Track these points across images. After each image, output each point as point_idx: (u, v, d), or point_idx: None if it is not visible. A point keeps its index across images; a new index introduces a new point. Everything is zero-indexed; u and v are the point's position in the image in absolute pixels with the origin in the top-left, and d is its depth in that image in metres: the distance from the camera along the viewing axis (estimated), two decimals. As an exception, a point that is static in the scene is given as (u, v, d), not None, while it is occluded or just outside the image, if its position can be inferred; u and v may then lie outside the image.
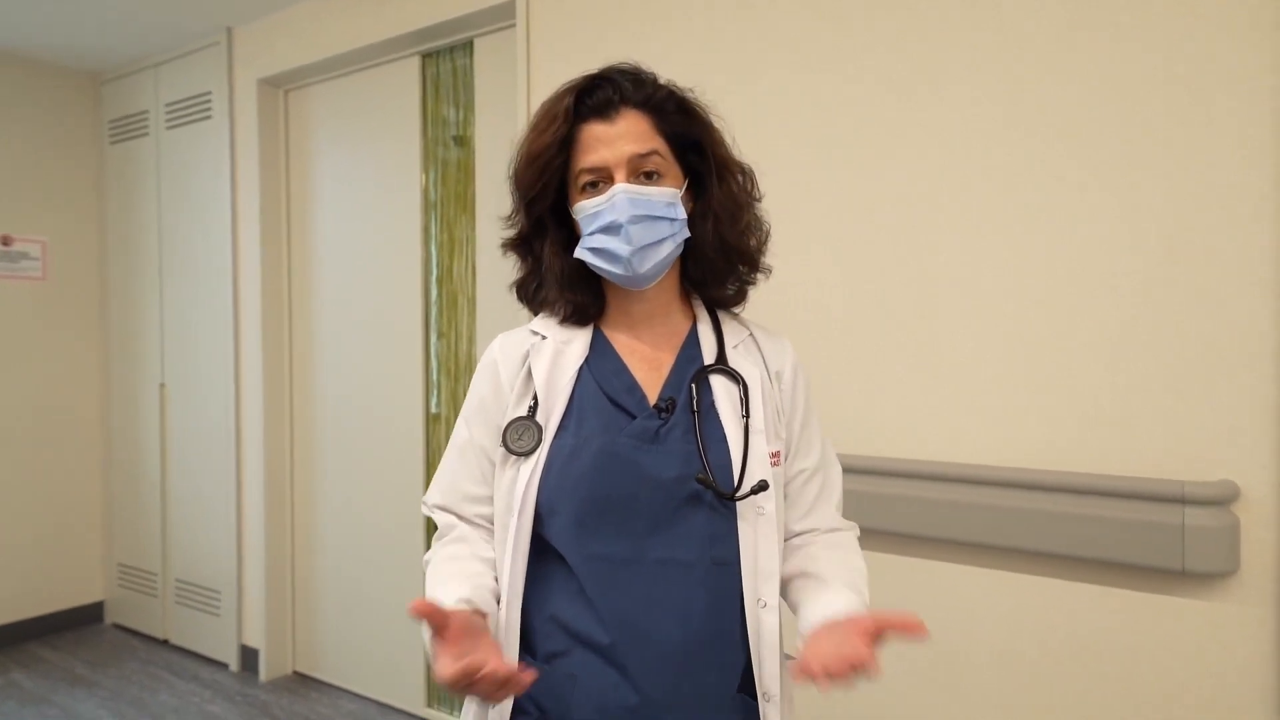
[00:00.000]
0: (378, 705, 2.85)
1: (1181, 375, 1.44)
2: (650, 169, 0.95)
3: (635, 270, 0.95)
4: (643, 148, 0.95)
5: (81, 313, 3.64)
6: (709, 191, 1.00)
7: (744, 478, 0.94)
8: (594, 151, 0.95)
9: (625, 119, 0.95)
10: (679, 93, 1.00)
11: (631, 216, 0.93)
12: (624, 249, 0.93)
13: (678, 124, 0.98)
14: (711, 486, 0.92)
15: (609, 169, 0.94)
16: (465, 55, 2.59)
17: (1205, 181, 1.42)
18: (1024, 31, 1.58)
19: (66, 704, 2.86)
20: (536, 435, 0.95)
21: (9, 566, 3.41)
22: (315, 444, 3.06)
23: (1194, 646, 1.44)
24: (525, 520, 0.93)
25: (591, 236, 0.96)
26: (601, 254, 0.95)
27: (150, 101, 3.42)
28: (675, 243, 0.97)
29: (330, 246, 2.98)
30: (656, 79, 1.00)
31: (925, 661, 1.69)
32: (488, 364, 1.03)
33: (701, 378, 0.98)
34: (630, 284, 0.98)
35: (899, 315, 1.72)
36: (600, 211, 0.95)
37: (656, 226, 0.94)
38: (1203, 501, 1.38)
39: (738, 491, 0.93)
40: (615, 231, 0.93)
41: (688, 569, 0.92)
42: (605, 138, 0.95)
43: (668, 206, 0.95)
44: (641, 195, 0.94)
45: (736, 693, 0.96)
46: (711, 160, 1.00)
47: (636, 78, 0.98)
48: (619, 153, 0.94)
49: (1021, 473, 1.56)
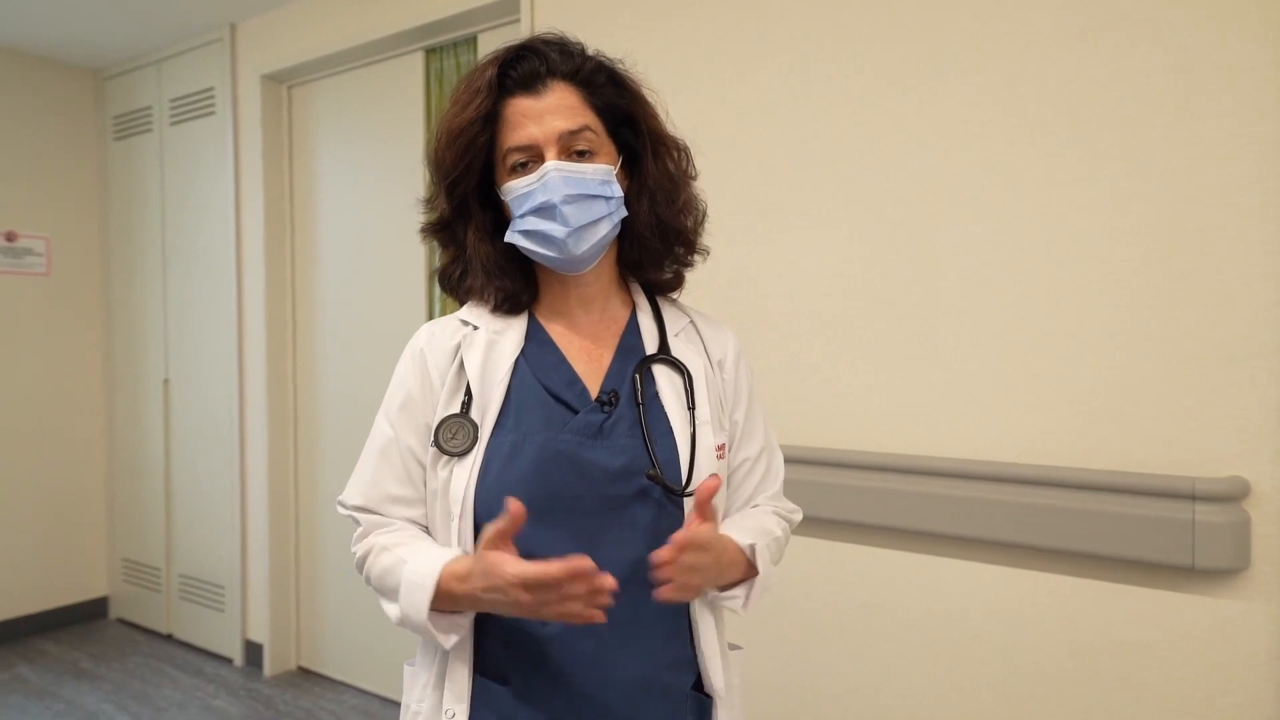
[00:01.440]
0: (381, 700, 2.85)
1: (1191, 371, 1.43)
2: (583, 146, 0.89)
3: (572, 253, 0.89)
4: (574, 124, 0.89)
5: (86, 308, 3.64)
6: (644, 168, 0.95)
7: (693, 472, 0.90)
8: (521, 128, 0.89)
9: (554, 93, 0.89)
10: (609, 64, 0.94)
11: (565, 196, 0.87)
12: (559, 231, 0.87)
13: (610, 97, 0.93)
14: (662, 482, 0.88)
15: (538, 146, 0.88)
16: (469, 51, 2.58)
17: (1214, 174, 1.41)
18: (1025, 24, 1.57)
19: (71, 698, 2.86)
20: (472, 434, 0.89)
21: (14, 561, 3.42)
22: (318, 439, 3.06)
23: (1203, 643, 1.43)
24: (466, 524, 0.88)
25: (523, 219, 0.90)
26: (534, 237, 0.89)
27: (154, 97, 3.42)
28: (612, 223, 0.91)
29: (333, 242, 2.98)
30: (585, 49, 0.93)
31: (930, 658, 1.69)
32: (413, 356, 0.96)
33: (644, 368, 0.94)
34: (566, 268, 0.92)
35: (904, 309, 1.71)
36: (531, 192, 0.88)
37: (592, 206, 0.89)
38: (1213, 498, 1.37)
39: (688, 486, 0.89)
40: (548, 213, 0.88)
41: (636, 566, 0.86)
42: (533, 113, 0.89)
43: (603, 184, 0.90)
44: (575, 173, 0.88)
45: (690, 690, 0.93)
46: (646, 135, 0.95)
47: (564, 48, 0.92)
48: (548, 129, 0.88)
49: (1029, 468, 1.55)
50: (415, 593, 0.84)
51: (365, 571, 0.93)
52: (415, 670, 0.96)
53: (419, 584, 0.84)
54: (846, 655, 1.79)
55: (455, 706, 0.88)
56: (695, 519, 0.83)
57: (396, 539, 0.92)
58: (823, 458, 1.77)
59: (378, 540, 0.92)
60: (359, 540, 0.95)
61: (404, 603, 0.85)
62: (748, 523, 0.97)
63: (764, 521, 0.99)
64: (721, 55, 1.94)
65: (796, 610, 1.85)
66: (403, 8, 2.58)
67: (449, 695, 0.88)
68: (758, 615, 1.88)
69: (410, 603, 0.84)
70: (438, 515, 0.92)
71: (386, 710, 2.79)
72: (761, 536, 0.94)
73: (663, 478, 0.88)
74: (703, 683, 0.94)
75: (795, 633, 1.85)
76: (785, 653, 1.86)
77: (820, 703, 1.82)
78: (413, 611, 0.85)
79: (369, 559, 0.92)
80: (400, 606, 0.86)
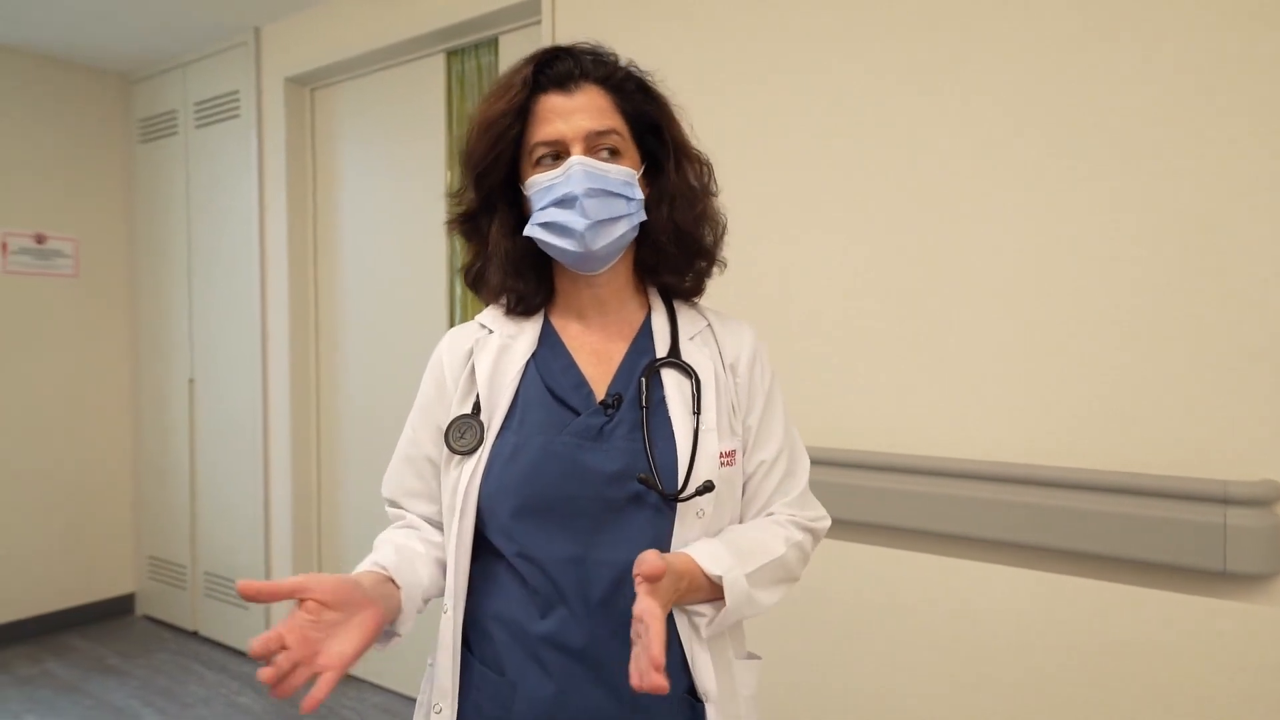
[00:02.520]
0: (402, 698, 2.87)
1: (1222, 372, 1.41)
2: (609, 146, 0.91)
3: (589, 247, 0.89)
4: (601, 124, 0.91)
5: (113, 309, 3.70)
6: (666, 177, 0.96)
7: (690, 478, 0.89)
8: (549, 123, 0.90)
9: (585, 94, 0.91)
10: (639, 74, 0.96)
11: (588, 190, 0.88)
12: (579, 223, 0.88)
13: (638, 104, 0.95)
14: (653, 487, 0.87)
15: (565, 143, 0.90)
16: (490, 53, 2.59)
17: (1243, 172, 1.39)
18: (1043, 23, 1.55)
19: (98, 693, 2.91)
20: (478, 434, 0.92)
21: (44, 558, 3.47)
22: (341, 438, 3.09)
23: (1234, 648, 1.41)
24: (467, 521, 0.91)
25: (543, 211, 0.90)
26: (553, 228, 0.90)
27: (179, 101, 3.46)
28: (631, 224, 0.92)
29: (356, 243, 3.00)
30: (617, 58, 0.96)
31: (956, 662, 1.67)
32: (433, 362, 1.01)
33: (652, 372, 0.93)
34: (582, 265, 0.93)
35: (929, 310, 1.70)
36: (554, 184, 0.90)
37: (613, 203, 0.90)
38: (1246, 501, 1.35)
39: (682, 492, 0.88)
40: (569, 204, 0.89)
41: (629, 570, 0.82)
42: (563, 110, 0.90)
43: (624, 185, 0.91)
44: (598, 170, 0.89)
45: (684, 694, 0.92)
46: (670, 144, 0.96)
47: (597, 55, 0.94)
48: (576, 127, 0.90)
49: (1057, 471, 1.53)
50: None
51: None
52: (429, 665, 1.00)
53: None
54: (870, 658, 1.78)
55: (440, 701, 0.91)
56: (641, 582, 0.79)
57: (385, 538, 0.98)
58: (847, 459, 1.76)
59: (381, 536, 0.99)
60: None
61: None
62: (742, 543, 0.91)
63: (764, 539, 0.94)
64: (740, 56, 1.93)
65: (817, 612, 1.84)
66: (424, 10, 2.59)
67: (435, 690, 0.92)
68: (778, 618, 1.87)
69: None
70: (445, 510, 0.96)
71: (408, 708, 2.80)
72: (749, 561, 0.89)
73: (654, 481, 0.87)
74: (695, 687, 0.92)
75: (815, 634, 1.84)
76: (806, 655, 1.86)
77: (842, 705, 1.81)
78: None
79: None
80: None
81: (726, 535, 0.92)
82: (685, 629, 0.91)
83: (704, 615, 0.89)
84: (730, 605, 0.87)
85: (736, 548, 0.90)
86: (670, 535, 0.89)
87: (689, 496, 0.88)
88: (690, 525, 0.90)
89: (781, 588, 0.94)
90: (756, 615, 0.91)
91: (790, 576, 0.96)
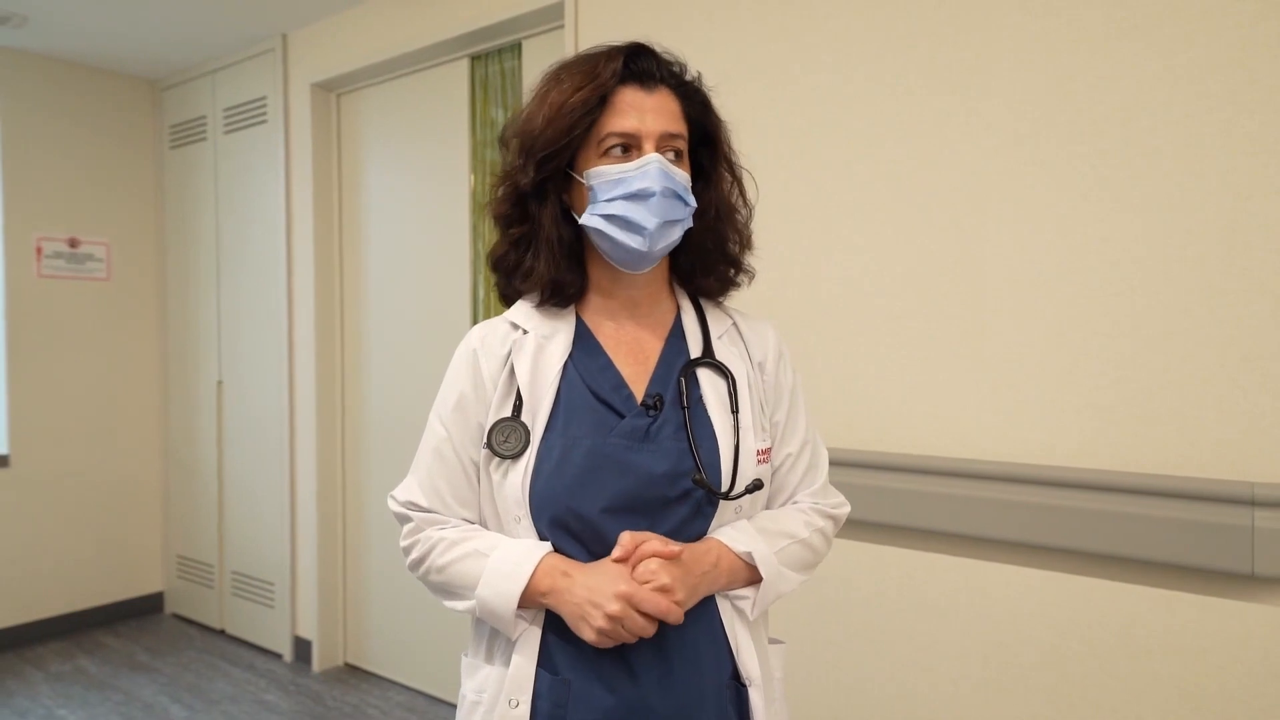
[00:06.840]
0: (426, 697, 2.89)
1: (1250, 373, 1.40)
2: (676, 149, 0.93)
3: (653, 246, 0.91)
4: (674, 127, 0.93)
5: (143, 312, 3.77)
6: (712, 187, 0.99)
7: (736, 476, 0.92)
8: (627, 116, 0.91)
9: (661, 94, 0.94)
10: (706, 87, 1.00)
11: (664, 188, 0.90)
12: (650, 221, 0.89)
13: (699, 114, 0.98)
14: (707, 487, 0.89)
15: (640, 137, 0.91)
16: (514, 57, 2.62)
17: (1269, 171, 1.37)
18: (1072, 20, 1.55)
19: (129, 689, 2.96)
20: (524, 437, 0.91)
21: (76, 557, 3.54)
22: (366, 439, 3.12)
23: (1262, 651, 1.39)
24: (527, 525, 0.90)
25: (610, 203, 0.90)
26: (619, 221, 0.90)
27: (208, 107, 3.52)
28: (683, 229, 0.94)
29: (381, 246, 3.04)
30: (687, 68, 1.00)
31: (979, 663, 1.67)
32: (466, 357, 0.97)
33: (690, 372, 0.95)
34: (633, 264, 0.94)
35: (951, 311, 1.70)
36: (627, 177, 0.90)
37: (678, 206, 0.92)
38: (1274, 503, 1.34)
39: (732, 490, 0.91)
40: (644, 199, 0.89)
41: None
42: (642, 106, 0.92)
43: (688, 190, 0.94)
44: (672, 171, 0.91)
45: (729, 679, 0.94)
46: (722, 157, 1.00)
47: (674, 60, 0.98)
48: (653, 125, 0.91)
49: (1083, 473, 1.52)
50: (504, 582, 0.87)
51: (425, 566, 0.95)
52: (474, 661, 0.97)
53: (510, 573, 0.87)
54: (894, 657, 1.78)
55: (518, 695, 0.90)
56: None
57: (463, 534, 0.94)
58: (871, 460, 1.76)
59: (444, 535, 0.94)
60: (411, 535, 0.97)
61: (489, 591, 0.88)
62: (766, 524, 0.97)
63: (787, 524, 0.98)
64: (767, 57, 1.94)
65: (844, 613, 1.84)
66: (448, 16, 2.62)
67: (511, 684, 0.90)
68: (805, 615, 1.87)
69: (498, 591, 0.87)
70: (490, 515, 0.95)
71: (432, 707, 2.83)
72: (774, 541, 0.95)
73: (708, 482, 0.90)
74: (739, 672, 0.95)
75: (842, 635, 1.84)
76: (831, 653, 1.86)
77: (867, 703, 1.81)
78: (500, 600, 0.87)
79: (431, 553, 0.94)
80: (483, 595, 0.89)
81: (751, 520, 0.97)
82: (729, 613, 0.94)
83: (746, 597, 0.94)
84: (766, 579, 0.92)
85: (761, 529, 0.95)
86: (703, 529, 0.93)
87: (739, 495, 0.91)
88: (729, 521, 0.94)
89: (806, 570, 0.99)
90: (785, 594, 0.96)
91: (814, 559, 1.01)
